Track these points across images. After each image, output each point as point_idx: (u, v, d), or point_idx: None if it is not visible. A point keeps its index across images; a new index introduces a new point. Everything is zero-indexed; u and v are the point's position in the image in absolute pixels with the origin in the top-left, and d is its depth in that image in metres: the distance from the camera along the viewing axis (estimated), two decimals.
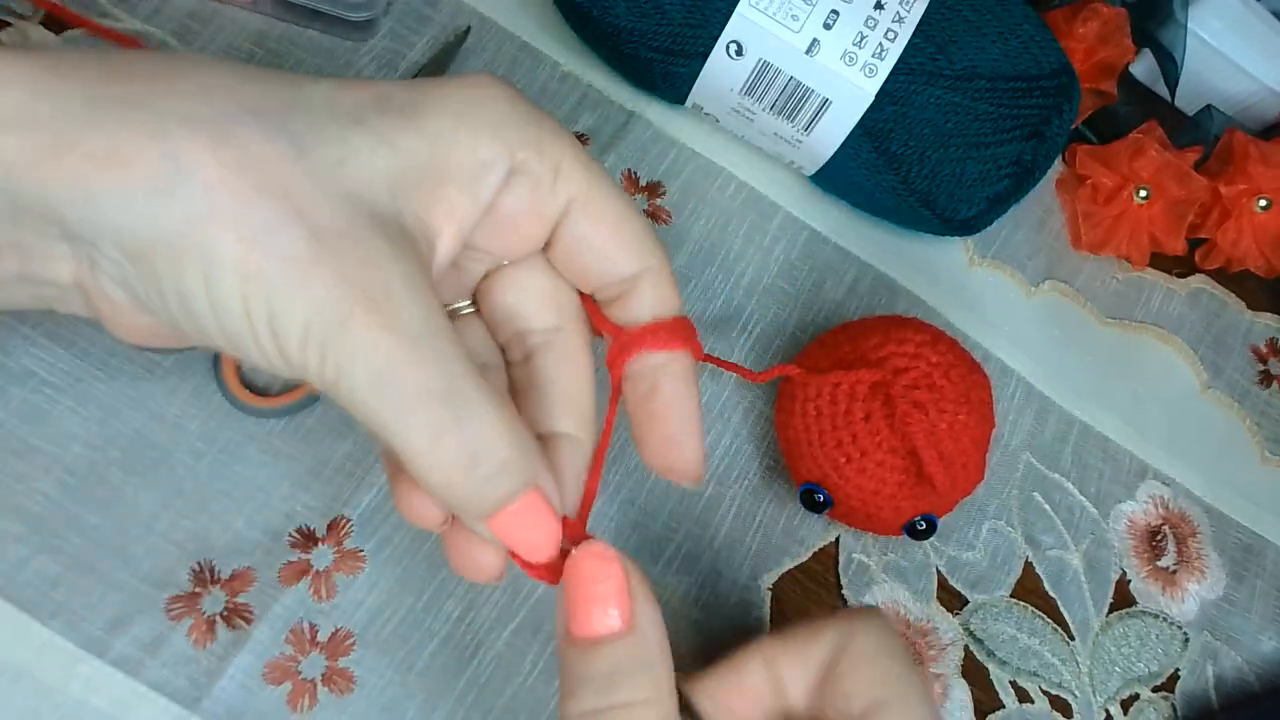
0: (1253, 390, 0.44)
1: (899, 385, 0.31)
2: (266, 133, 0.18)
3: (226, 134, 0.18)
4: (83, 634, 0.28)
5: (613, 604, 0.21)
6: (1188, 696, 0.37)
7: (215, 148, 0.18)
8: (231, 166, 0.18)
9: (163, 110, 0.18)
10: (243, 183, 0.18)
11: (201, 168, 0.18)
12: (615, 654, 0.21)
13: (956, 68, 0.34)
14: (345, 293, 0.18)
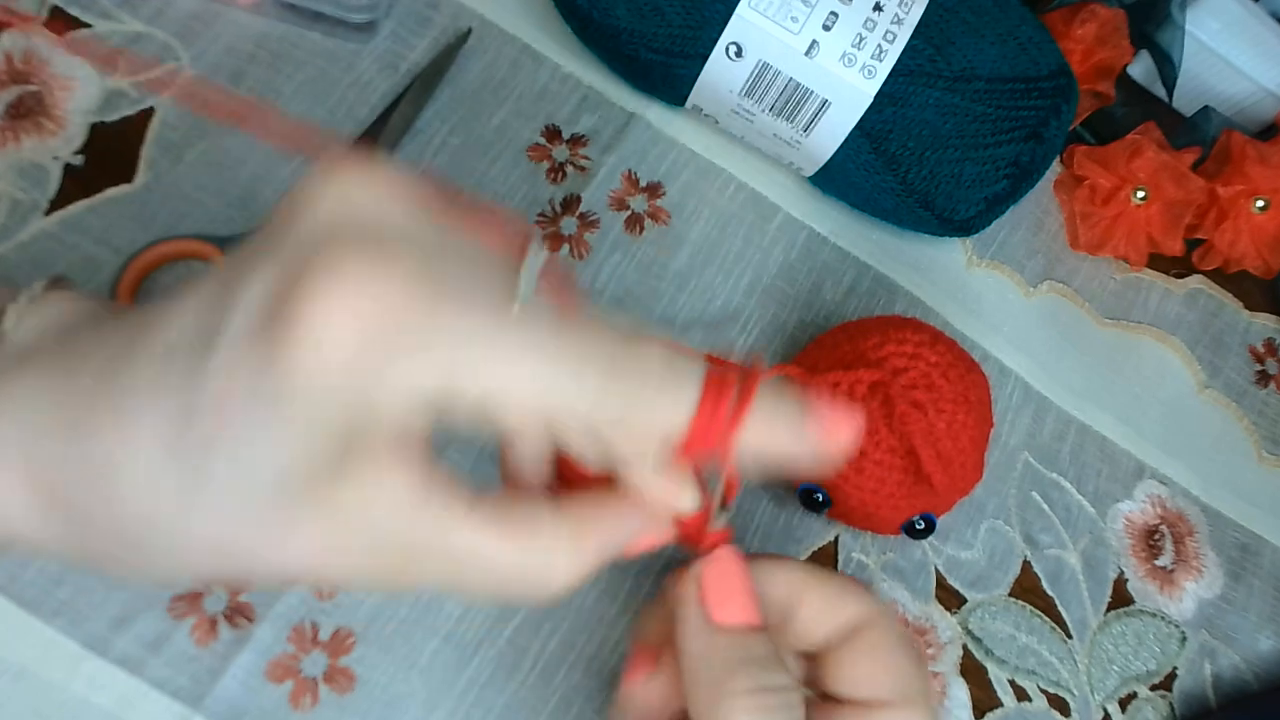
0: (1250, 390, 0.44)
1: (898, 385, 0.31)
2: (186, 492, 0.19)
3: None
4: (86, 632, 0.28)
5: (751, 600, 0.23)
6: (1185, 695, 0.37)
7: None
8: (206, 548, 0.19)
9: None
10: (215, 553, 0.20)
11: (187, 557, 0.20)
12: (765, 643, 0.23)
13: (955, 69, 0.35)
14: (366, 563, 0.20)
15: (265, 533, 0.19)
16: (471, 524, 0.20)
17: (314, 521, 0.19)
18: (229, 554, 0.19)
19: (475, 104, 0.37)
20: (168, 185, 0.33)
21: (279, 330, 0.17)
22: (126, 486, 0.18)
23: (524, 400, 0.19)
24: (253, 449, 0.18)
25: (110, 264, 0.32)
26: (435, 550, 0.20)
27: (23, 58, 0.33)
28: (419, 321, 0.18)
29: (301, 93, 0.35)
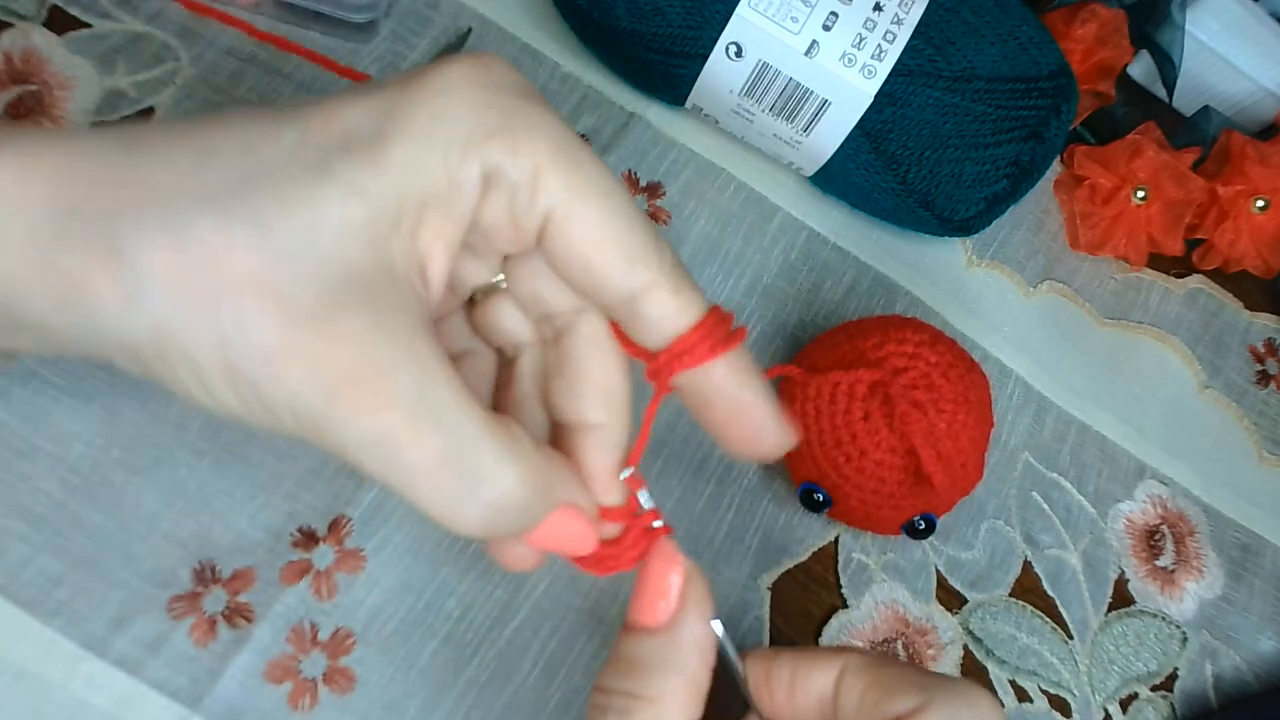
0: (1250, 390, 0.44)
1: (898, 385, 0.31)
2: (225, 221, 0.18)
3: (184, 233, 0.17)
4: (84, 633, 0.28)
5: (661, 601, 0.22)
6: (1186, 695, 0.37)
7: (172, 251, 0.17)
8: (191, 267, 0.17)
9: (121, 220, 0.18)
10: (205, 282, 0.18)
11: (161, 275, 0.17)
12: (645, 646, 0.22)
13: (955, 69, 0.34)
14: (326, 376, 0.18)
15: (275, 264, 0.18)
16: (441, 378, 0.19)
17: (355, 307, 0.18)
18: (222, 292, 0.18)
19: None
20: None
21: (409, 74, 0.19)
22: (164, 188, 0.18)
23: (595, 224, 0.20)
24: (336, 184, 0.18)
25: None
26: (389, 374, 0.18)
27: (22, 57, 0.33)
28: (535, 109, 0.20)
29: (301, 93, 0.35)
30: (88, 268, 0.18)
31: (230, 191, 0.18)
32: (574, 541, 0.22)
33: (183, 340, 0.18)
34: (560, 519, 0.21)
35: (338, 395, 0.18)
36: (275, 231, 0.18)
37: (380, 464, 0.19)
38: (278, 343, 0.18)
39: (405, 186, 0.19)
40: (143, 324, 0.18)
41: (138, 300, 0.18)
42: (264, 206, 0.18)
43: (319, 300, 0.18)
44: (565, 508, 0.22)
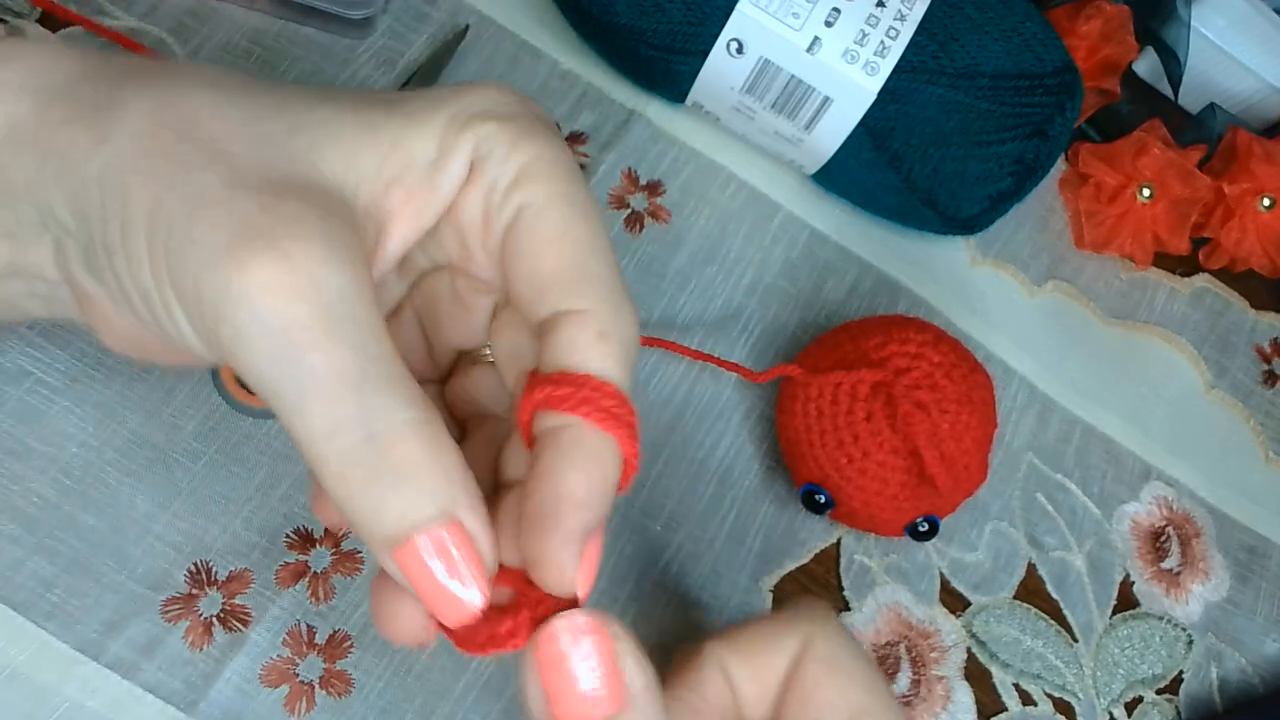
0: (1257, 390, 0.43)
1: (901, 385, 0.31)
2: (223, 105, 0.18)
3: (175, 99, 0.18)
4: (78, 636, 0.28)
5: (600, 684, 0.17)
6: (1192, 699, 0.37)
7: (158, 109, 0.18)
8: (169, 122, 0.18)
9: (129, 85, 0.19)
10: (173, 132, 0.17)
11: (136, 119, 0.18)
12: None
13: (959, 66, 0.34)
14: (248, 236, 0.16)
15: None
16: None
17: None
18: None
19: None
20: None
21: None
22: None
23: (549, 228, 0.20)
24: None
25: None
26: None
27: None
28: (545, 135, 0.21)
29: None
30: (81, 114, 0.18)
31: (237, 86, 0.19)
32: (451, 584, 0.17)
33: (124, 181, 0.17)
34: (445, 539, 0.17)
35: (249, 264, 0.16)
36: (263, 119, 0.18)
37: (270, 369, 0.16)
38: (213, 192, 0.17)
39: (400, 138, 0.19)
40: (98, 161, 0.18)
41: (107, 138, 0.18)
42: (272, 113, 0.18)
43: (276, 176, 0.17)
44: (456, 526, 0.17)
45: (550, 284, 0.19)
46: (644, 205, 0.38)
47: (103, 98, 0.18)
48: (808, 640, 0.22)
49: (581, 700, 0.17)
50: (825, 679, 0.21)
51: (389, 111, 0.20)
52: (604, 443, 0.19)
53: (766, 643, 0.22)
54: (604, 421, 0.18)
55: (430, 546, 0.17)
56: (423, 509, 0.17)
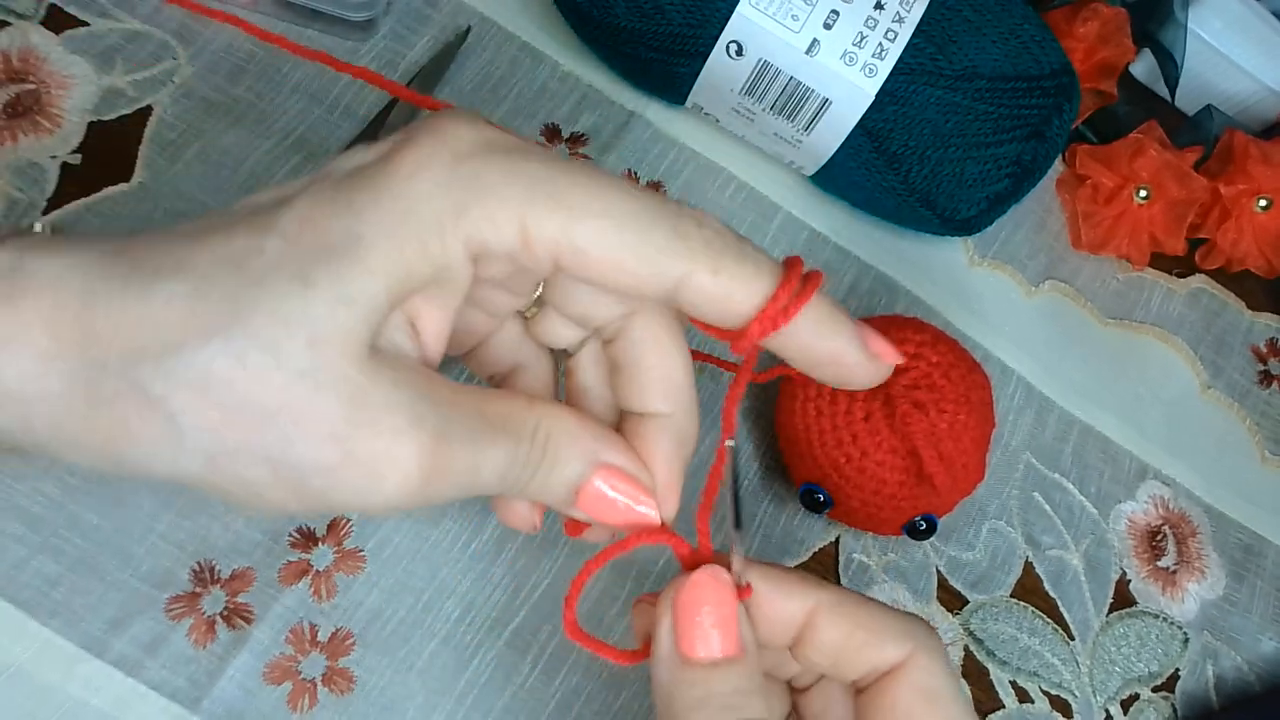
0: (1253, 390, 0.44)
1: (899, 385, 0.31)
2: (238, 353, 0.18)
3: (206, 375, 0.18)
4: (82, 634, 0.28)
5: (728, 628, 0.21)
6: (1188, 696, 0.37)
7: (201, 394, 0.18)
8: (223, 404, 0.18)
9: (145, 370, 0.18)
10: (240, 415, 0.18)
11: (198, 419, 0.18)
12: (734, 676, 0.21)
13: (957, 68, 0.34)
14: (381, 471, 0.19)
15: (309, 394, 0.18)
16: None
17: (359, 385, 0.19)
18: (258, 423, 0.18)
19: (474, 102, 0.37)
20: (165, 184, 0.33)
21: (372, 165, 0.19)
22: (170, 327, 0.18)
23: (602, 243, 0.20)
24: (324, 293, 0.18)
25: None
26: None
27: (20, 55, 0.33)
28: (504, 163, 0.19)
29: (300, 91, 0.35)
30: (129, 420, 0.18)
31: (232, 319, 0.18)
32: (629, 514, 0.22)
33: (233, 469, 0.19)
34: (605, 479, 0.22)
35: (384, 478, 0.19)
36: (283, 351, 0.18)
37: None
38: (334, 456, 0.19)
39: (393, 284, 0.19)
40: (192, 462, 0.19)
41: (183, 443, 0.18)
42: (266, 329, 0.18)
43: (346, 410, 0.19)
44: (607, 469, 0.22)
45: (637, 284, 0.21)
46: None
47: (133, 393, 0.18)
48: (913, 656, 0.22)
49: (705, 640, 0.21)
50: (923, 709, 0.21)
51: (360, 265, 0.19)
52: (819, 308, 0.22)
53: (874, 626, 0.22)
54: (806, 301, 0.21)
55: (593, 491, 0.22)
56: (577, 467, 0.22)
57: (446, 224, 0.19)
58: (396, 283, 0.19)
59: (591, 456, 0.22)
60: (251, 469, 0.19)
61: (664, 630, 0.21)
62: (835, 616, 0.22)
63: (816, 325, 0.21)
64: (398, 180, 0.19)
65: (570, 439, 0.22)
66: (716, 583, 0.22)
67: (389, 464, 0.19)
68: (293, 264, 0.18)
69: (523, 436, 0.21)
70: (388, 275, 0.19)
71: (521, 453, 0.21)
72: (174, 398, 0.18)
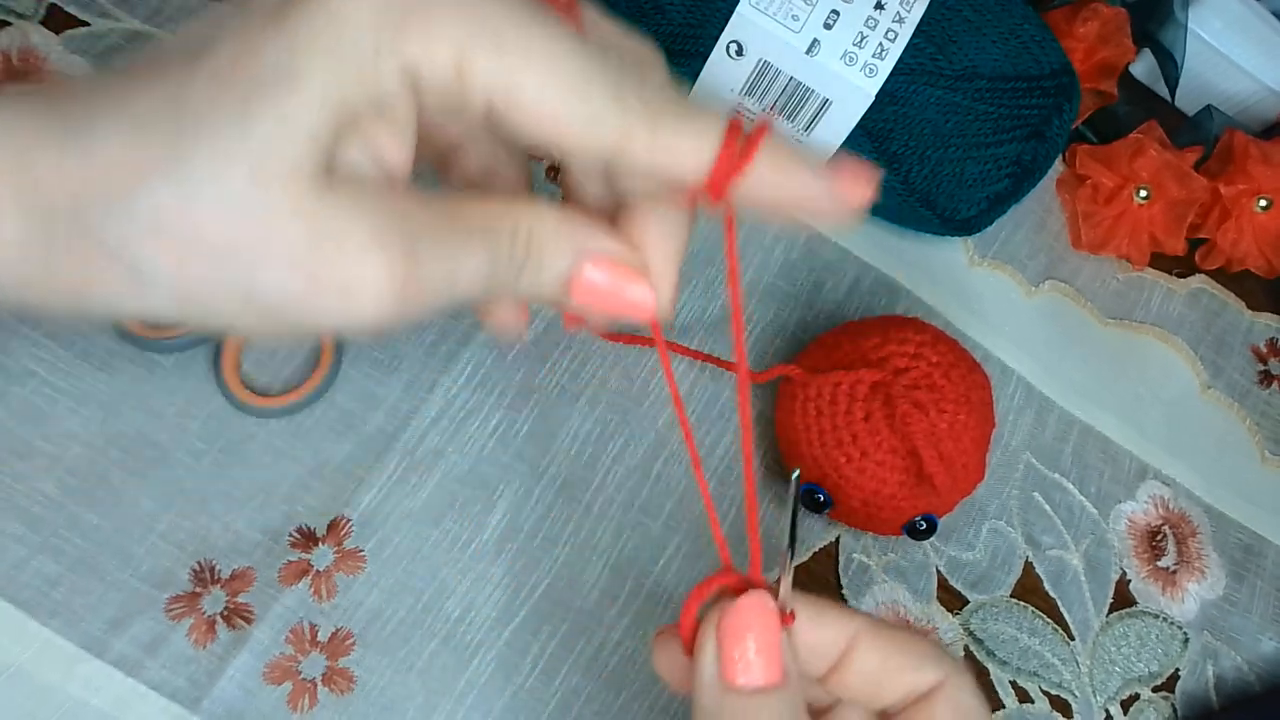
0: (1253, 390, 0.44)
1: (899, 385, 0.31)
2: (183, 192, 0.18)
3: (154, 217, 0.18)
4: (82, 634, 0.28)
5: (772, 656, 0.21)
6: (1188, 696, 0.37)
7: (156, 236, 0.18)
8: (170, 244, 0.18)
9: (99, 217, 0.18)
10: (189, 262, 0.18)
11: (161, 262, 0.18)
12: (777, 705, 0.21)
13: (957, 68, 0.34)
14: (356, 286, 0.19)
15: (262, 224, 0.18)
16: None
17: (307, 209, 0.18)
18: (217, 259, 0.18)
19: None
20: None
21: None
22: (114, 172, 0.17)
23: (538, 97, 0.19)
24: (262, 124, 0.17)
25: None
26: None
27: (20, 55, 0.33)
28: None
29: None
30: (89, 266, 0.18)
31: (174, 158, 0.18)
32: (623, 299, 0.22)
33: (203, 304, 0.19)
34: (596, 266, 0.22)
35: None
36: (229, 184, 0.18)
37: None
38: (300, 284, 0.18)
39: (332, 109, 0.18)
40: (161, 301, 0.18)
41: (147, 284, 0.18)
42: (208, 164, 0.18)
43: (304, 237, 0.18)
44: (596, 256, 0.22)
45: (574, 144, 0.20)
46: None
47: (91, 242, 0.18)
48: (948, 680, 0.22)
49: (749, 667, 0.21)
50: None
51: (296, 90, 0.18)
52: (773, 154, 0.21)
53: (911, 652, 0.22)
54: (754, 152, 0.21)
55: (585, 280, 0.22)
56: (564, 261, 0.21)
57: (383, 51, 0.18)
58: (334, 110, 0.18)
59: (578, 246, 0.21)
60: (222, 303, 0.18)
61: (708, 656, 0.21)
62: (874, 644, 0.22)
63: (775, 165, 0.20)
64: (332, 4, 0.18)
65: (554, 233, 0.21)
66: (763, 609, 0.21)
67: (359, 284, 0.19)
68: (228, 97, 0.18)
69: (502, 238, 0.20)
70: (324, 102, 0.18)
71: (503, 254, 0.20)
72: (129, 241, 0.18)
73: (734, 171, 0.20)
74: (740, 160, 0.20)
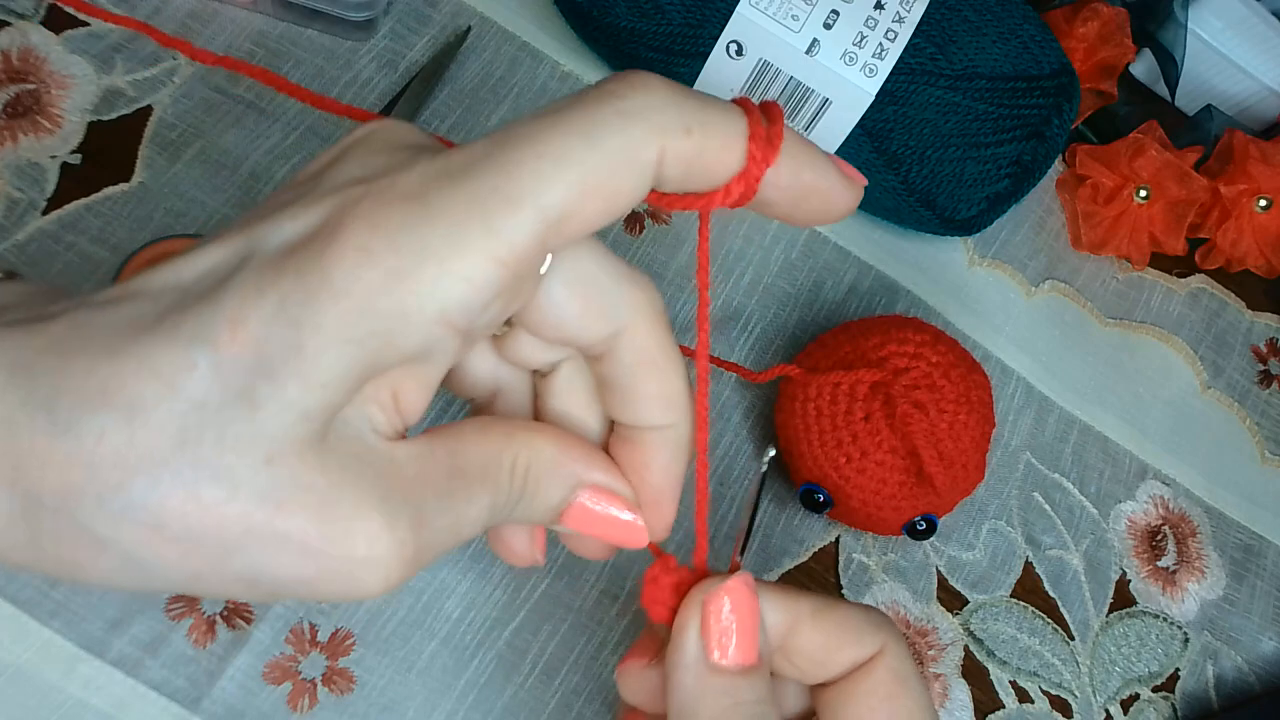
0: (1253, 390, 0.44)
1: (899, 385, 0.31)
2: (187, 488, 0.16)
3: (156, 515, 0.16)
4: (82, 633, 0.28)
5: (753, 636, 0.21)
6: (1188, 696, 0.37)
7: (154, 534, 0.16)
8: (171, 540, 0.17)
9: (88, 509, 0.16)
10: (191, 556, 0.17)
11: (156, 557, 0.17)
12: (758, 685, 0.21)
13: (956, 68, 0.34)
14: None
15: (271, 511, 0.16)
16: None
17: (314, 486, 0.17)
18: (224, 552, 0.17)
19: (474, 102, 0.37)
20: (165, 184, 0.33)
21: (305, 247, 0.16)
22: (108, 465, 0.16)
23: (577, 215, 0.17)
24: (270, 414, 0.16)
25: (108, 263, 0.31)
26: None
27: (20, 55, 0.33)
28: (454, 190, 0.17)
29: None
30: (78, 555, 0.17)
31: (177, 450, 0.16)
32: (615, 527, 0.22)
33: (208, 589, 0.18)
34: (593, 499, 0.22)
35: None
36: (238, 476, 0.16)
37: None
38: (310, 570, 0.18)
39: (344, 387, 0.17)
40: (163, 585, 0.18)
41: (146, 573, 0.17)
42: (215, 456, 0.16)
43: (314, 524, 0.17)
44: (593, 489, 0.22)
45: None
46: (644, 206, 0.38)
47: (82, 535, 0.16)
48: (885, 647, 0.22)
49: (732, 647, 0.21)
50: (898, 691, 0.22)
51: (303, 374, 0.16)
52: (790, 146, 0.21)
53: (851, 626, 0.22)
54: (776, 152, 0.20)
55: (576, 510, 0.22)
56: (560, 493, 0.21)
57: (410, 310, 0.16)
58: (351, 383, 0.17)
59: (573, 481, 0.21)
60: (226, 588, 0.18)
61: (690, 636, 0.21)
62: (816, 623, 0.22)
63: (796, 154, 0.20)
64: (341, 272, 0.16)
65: (551, 465, 0.21)
66: (748, 590, 0.21)
67: (368, 567, 0.18)
68: (232, 381, 0.16)
69: (501, 475, 0.20)
70: (342, 380, 0.17)
71: (502, 491, 0.20)
72: (124, 538, 0.16)
73: (773, 147, 0.19)
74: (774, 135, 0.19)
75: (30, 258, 0.31)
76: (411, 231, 0.16)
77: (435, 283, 0.16)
